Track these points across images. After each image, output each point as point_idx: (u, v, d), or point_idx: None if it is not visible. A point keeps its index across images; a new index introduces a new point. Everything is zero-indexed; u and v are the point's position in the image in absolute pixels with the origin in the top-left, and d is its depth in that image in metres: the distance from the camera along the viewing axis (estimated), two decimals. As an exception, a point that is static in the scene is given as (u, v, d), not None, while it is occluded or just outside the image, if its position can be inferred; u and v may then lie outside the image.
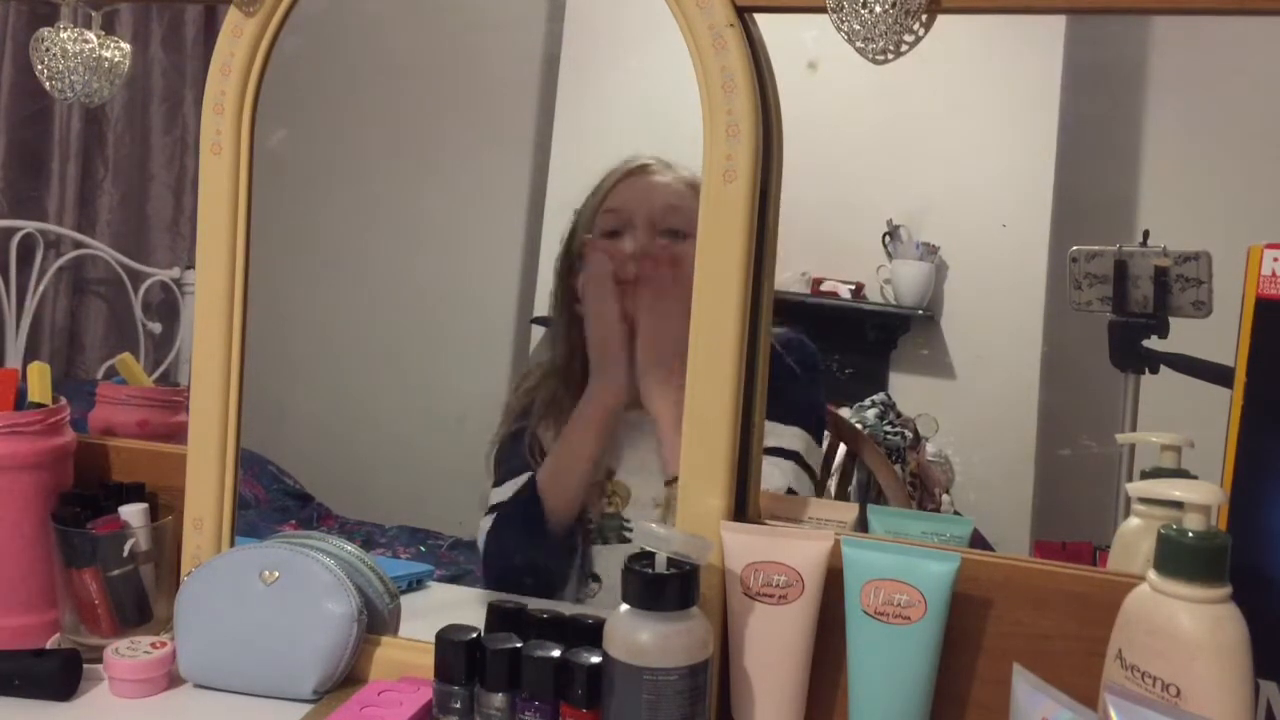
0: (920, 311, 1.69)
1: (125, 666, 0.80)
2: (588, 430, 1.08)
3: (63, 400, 0.93)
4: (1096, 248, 1.17)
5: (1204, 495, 0.60)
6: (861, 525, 0.82)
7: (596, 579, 1.10)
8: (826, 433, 1.18)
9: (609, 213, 1.12)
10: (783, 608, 0.73)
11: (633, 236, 1.08)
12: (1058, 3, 0.82)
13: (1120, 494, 1.01)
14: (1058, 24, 1.54)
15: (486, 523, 1.13)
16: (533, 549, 1.10)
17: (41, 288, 1.99)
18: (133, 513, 0.89)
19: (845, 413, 1.38)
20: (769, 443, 0.98)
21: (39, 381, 0.92)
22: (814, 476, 1.09)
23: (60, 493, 0.90)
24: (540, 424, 1.14)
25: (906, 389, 1.68)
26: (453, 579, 1.19)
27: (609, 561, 1.08)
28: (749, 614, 0.74)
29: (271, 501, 1.51)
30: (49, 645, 0.88)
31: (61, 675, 0.80)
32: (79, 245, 2.04)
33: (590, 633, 0.74)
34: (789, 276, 1.73)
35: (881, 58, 0.72)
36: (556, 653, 0.72)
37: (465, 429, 1.64)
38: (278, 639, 0.81)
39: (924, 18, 0.71)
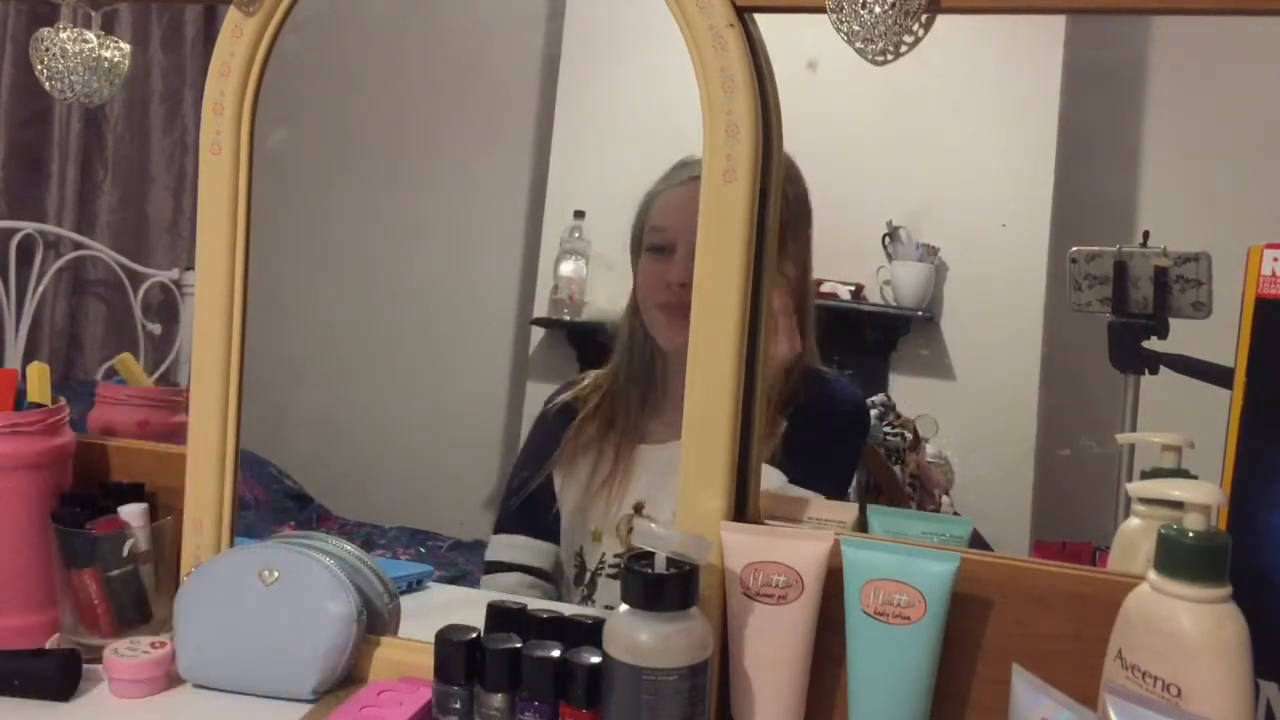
0: (920, 312, 1.69)
1: (125, 666, 0.80)
2: None
3: (62, 400, 0.93)
4: (1096, 248, 1.17)
5: (1204, 495, 0.60)
6: (861, 525, 0.82)
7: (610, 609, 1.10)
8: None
9: (653, 230, 1.10)
10: (782, 608, 0.73)
11: (675, 257, 1.06)
12: (1058, 3, 0.82)
13: (1120, 494, 1.01)
14: (1058, 24, 1.54)
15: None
16: None
17: (41, 288, 1.99)
18: (132, 513, 0.89)
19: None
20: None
21: (38, 382, 0.92)
22: None
23: (60, 493, 0.90)
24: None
25: (906, 390, 1.68)
26: (452, 580, 1.19)
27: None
28: (749, 614, 0.74)
29: (271, 502, 1.51)
30: (49, 645, 0.88)
31: (61, 675, 0.80)
32: (78, 246, 2.04)
33: (590, 633, 0.74)
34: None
35: (881, 58, 0.72)
36: (556, 653, 0.72)
37: (465, 429, 1.64)
38: (277, 639, 0.81)
39: (924, 18, 0.71)
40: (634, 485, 1.09)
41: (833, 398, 1.13)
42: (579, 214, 1.70)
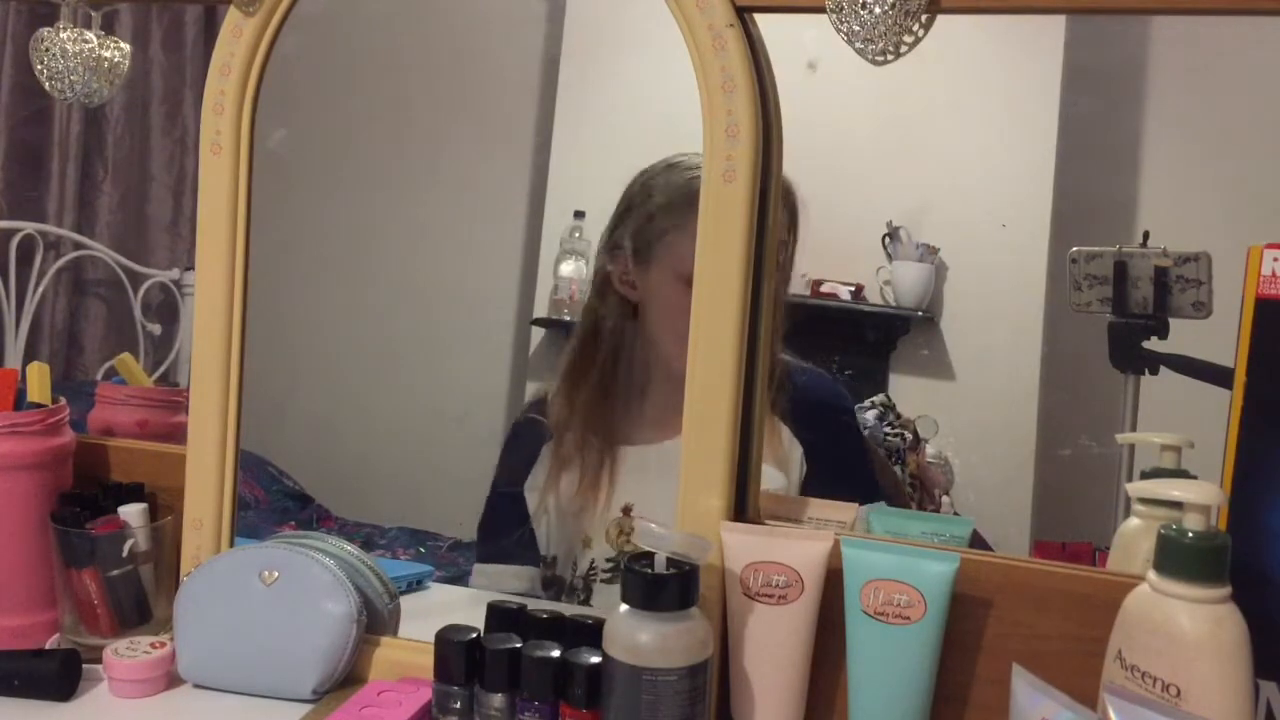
0: (920, 313, 1.69)
1: (125, 667, 0.80)
2: None
3: (62, 400, 0.93)
4: (1096, 249, 1.17)
5: (1204, 495, 0.60)
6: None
7: None
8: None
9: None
10: (782, 608, 0.73)
11: None
12: (1058, 3, 0.82)
13: (1120, 494, 1.01)
14: (1058, 24, 1.54)
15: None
16: None
17: (41, 289, 1.99)
18: (132, 513, 0.89)
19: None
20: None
21: (38, 381, 0.92)
22: None
23: (60, 493, 0.90)
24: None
25: (906, 390, 1.68)
26: (452, 580, 1.19)
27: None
28: (749, 614, 0.74)
29: (271, 502, 1.50)
30: (49, 645, 0.88)
31: (61, 675, 0.80)
32: (78, 246, 2.04)
33: (590, 633, 0.74)
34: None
35: (881, 58, 0.72)
36: (556, 653, 0.72)
37: (465, 429, 1.64)
38: (277, 639, 0.81)
39: (924, 18, 0.71)
40: (619, 488, 1.08)
41: (814, 390, 1.12)
42: (579, 214, 1.70)
